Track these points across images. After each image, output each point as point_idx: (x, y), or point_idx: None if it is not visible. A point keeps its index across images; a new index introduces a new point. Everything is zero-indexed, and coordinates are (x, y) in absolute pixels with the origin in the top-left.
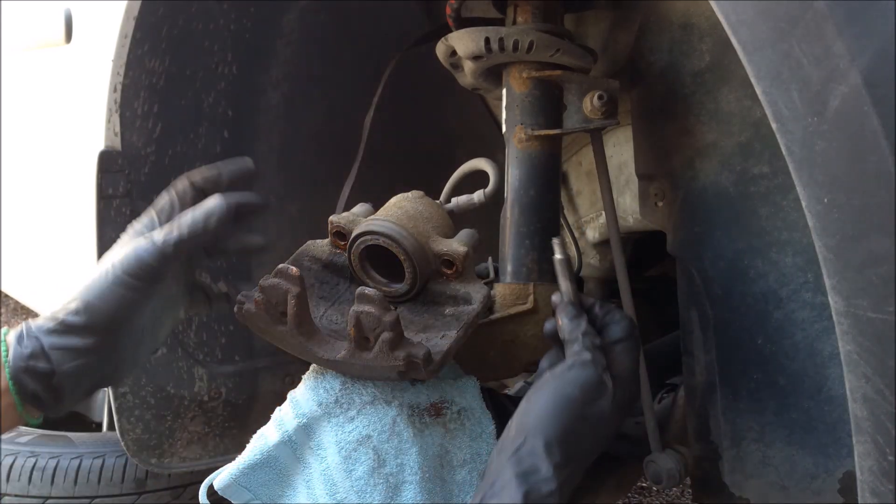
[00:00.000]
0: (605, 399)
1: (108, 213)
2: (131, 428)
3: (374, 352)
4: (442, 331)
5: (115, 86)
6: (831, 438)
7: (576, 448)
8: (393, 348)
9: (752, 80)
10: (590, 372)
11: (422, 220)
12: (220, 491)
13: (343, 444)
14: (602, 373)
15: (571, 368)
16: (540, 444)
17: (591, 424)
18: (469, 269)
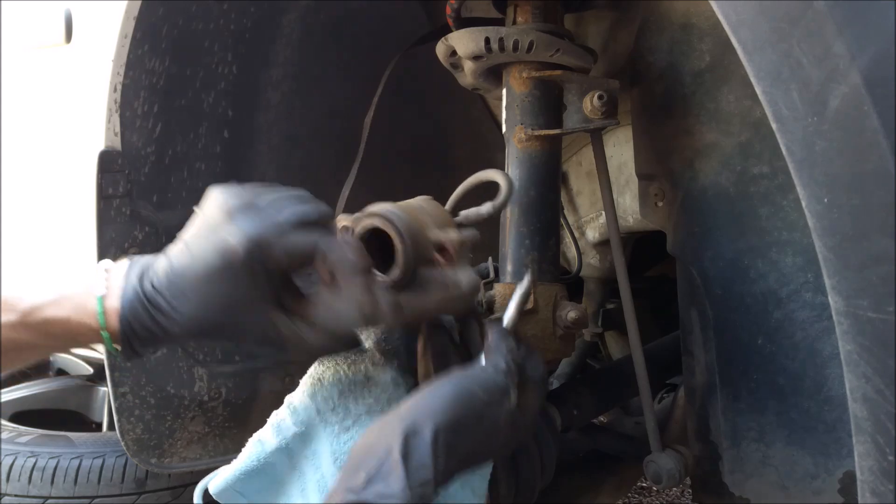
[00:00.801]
0: (505, 408)
1: (108, 213)
2: (131, 428)
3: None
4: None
5: (115, 86)
6: (831, 438)
7: (462, 445)
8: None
9: (752, 80)
10: (500, 378)
11: (422, 212)
12: (215, 495)
13: (338, 454)
14: (511, 385)
15: (484, 370)
16: (429, 431)
17: (485, 428)
18: (462, 258)
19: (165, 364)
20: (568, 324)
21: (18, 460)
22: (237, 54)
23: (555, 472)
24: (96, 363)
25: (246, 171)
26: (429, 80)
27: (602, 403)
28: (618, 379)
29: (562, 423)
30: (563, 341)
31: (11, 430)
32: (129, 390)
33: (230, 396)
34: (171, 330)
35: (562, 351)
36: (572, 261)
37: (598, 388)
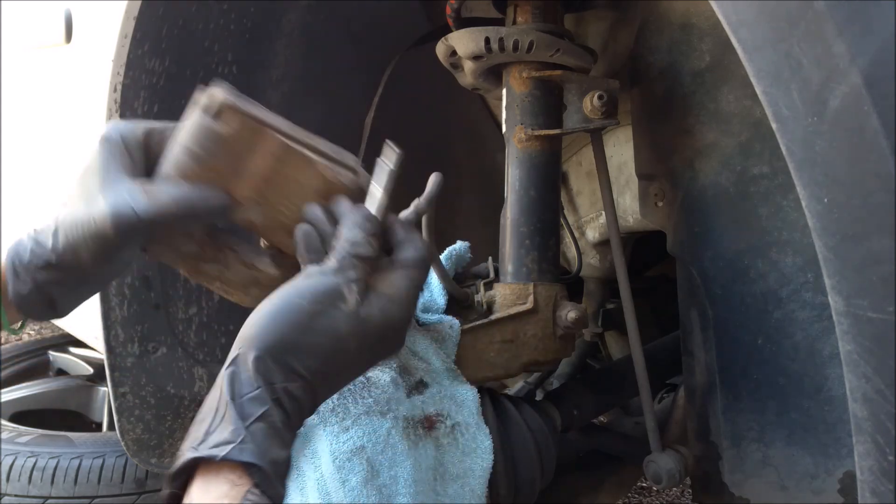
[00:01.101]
0: (339, 311)
1: None
2: (131, 428)
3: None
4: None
5: (115, 86)
6: (831, 438)
7: (301, 362)
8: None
9: (752, 80)
10: (325, 280)
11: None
12: None
13: (337, 454)
14: (345, 283)
15: (308, 277)
16: (250, 360)
17: (322, 339)
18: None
19: (165, 364)
20: (568, 324)
21: (18, 460)
22: (237, 54)
23: (555, 472)
24: (96, 363)
25: None
26: (429, 80)
27: (602, 403)
28: (618, 379)
29: (562, 423)
30: (563, 341)
31: (11, 430)
32: (129, 390)
33: None
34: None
35: (562, 351)
36: (572, 261)
37: (598, 388)
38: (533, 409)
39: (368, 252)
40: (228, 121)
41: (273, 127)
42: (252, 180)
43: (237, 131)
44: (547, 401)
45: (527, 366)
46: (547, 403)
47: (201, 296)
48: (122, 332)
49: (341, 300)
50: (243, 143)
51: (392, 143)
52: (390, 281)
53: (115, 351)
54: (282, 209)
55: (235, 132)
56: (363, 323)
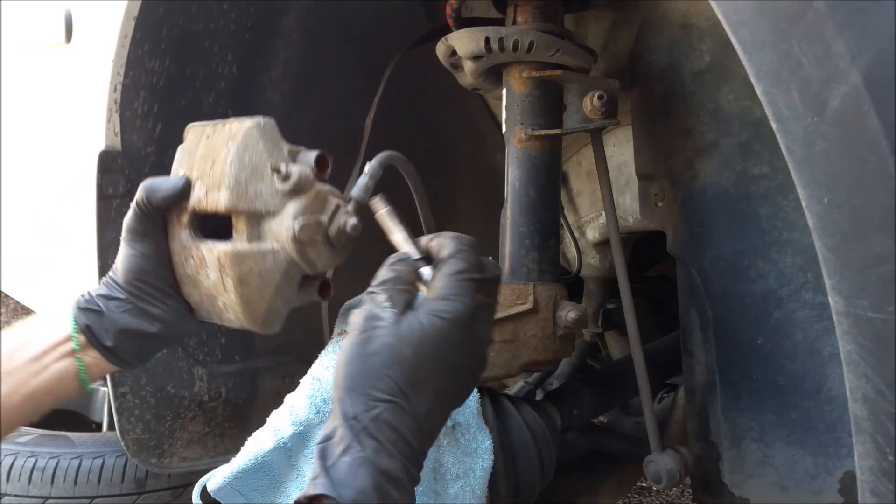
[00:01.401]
0: (380, 329)
1: (109, 213)
2: (131, 428)
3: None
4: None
5: (115, 86)
6: (831, 438)
7: (377, 388)
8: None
9: (752, 80)
10: (362, 311)
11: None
12: (213, 493)
13: None
14: (376, 306)
15: (353, 318)
16: (335, 406)
17: (379, 358)
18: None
19: (165, 364)
20: (568, 324)
21: (18, 460)
22: (237, 54)
23: (555, 472)
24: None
25: None
26: (429, 80)
27: (602, 403)
28: (618, 379)
29: (562, 423)
30: (563, 341)
31: None
32: (129, 390)
33: (230, 396)
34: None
35: (562, 351)
36: (572, 261)
37: (598, 388)
38: (533, 409)
39: (390, 274)
40: (187, 133)
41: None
42: (198, 164)
43: (190, 139)
44: (547, 401)
45: (527, 366)
46: (547, 403)
47: None
48: None
49: (378, 320)
50: (194, 143)
51: (380, 197)
52: (432, 285)
53: None
54: (212, 173)
55: (189, 140)
56: (410, 329)
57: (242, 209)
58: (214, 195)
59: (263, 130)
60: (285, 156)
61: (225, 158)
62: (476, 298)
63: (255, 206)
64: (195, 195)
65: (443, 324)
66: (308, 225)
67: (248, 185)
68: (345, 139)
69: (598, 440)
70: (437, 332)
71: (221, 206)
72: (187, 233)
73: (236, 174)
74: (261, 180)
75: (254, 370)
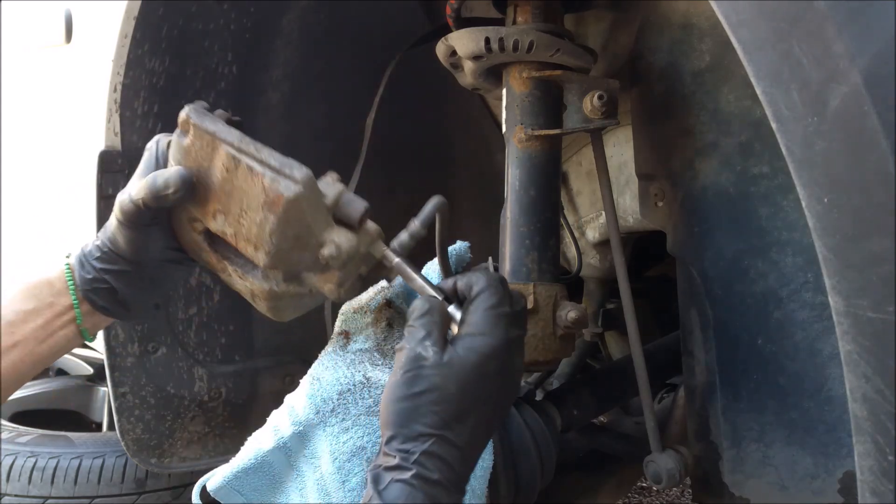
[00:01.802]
0: (425, 368)
1: (109, 213)
2: (131, 428)
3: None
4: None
5: (115, 86)
6: (831, 438)
7: (423, 424)
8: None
9: (752, 80)
10: (405, 352)
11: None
12: (212, 493)
13: (337, 455)
14: (417, 345)
15: (396, 360)
16: (384, 442)
17: (424, 396)
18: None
19: (165, 364)
20: (568, 324)
21: (18, 460)
22: (237, 54)
23: (555, 472)
24: (96, 363)
25: None
26: (429, 80)
27: (602, 403)
28: (618, 379)
29: (562, 423)
30: (563, 341)
31: (11, 430)
32: (129, 390)
33: (230, 396)
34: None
35: (562, 351)
36: (572, 261)
37: (598, 388)
38: (533, 409)
39: (428, 308)
40: (189, 134)
41: (224, 140)
42: (216, 192)
43: (194, 143)
44: (547, 401)
45: (527, 366)
46: (547, 403)
47: (201, 296)
48: (121, 331)
49: (422, 359)
50: (204, 155)
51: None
52: (466, 321)
53: (115, 351)
54: (242, 222)
55: (193, 144)
56: (450, 365)
57: (281, 269)
58: (249, 249)
59: (307, 199)
60: (328, 217)
61: (262, 224)
62: (510, 331)
63: (295, 269)
64: (217, 225)
65: (482, 359)
66: (351, 287)
67: (291, 253)
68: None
69: (598, 440)
70: (477, 368)
71: (258, 262)
72: (203, 243)
73: (278, 244)
74: (304, 248)
75: (254, 370)
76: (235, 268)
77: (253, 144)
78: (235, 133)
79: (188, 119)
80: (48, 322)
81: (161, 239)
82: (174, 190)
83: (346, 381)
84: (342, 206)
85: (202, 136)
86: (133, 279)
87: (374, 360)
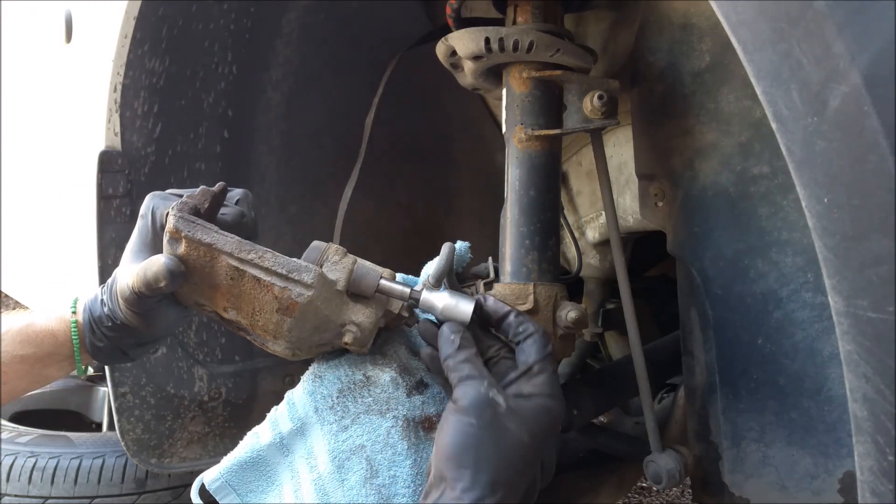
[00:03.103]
0: (500, 416)
1: (109, 213)
2: (131, 428)
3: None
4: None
5: (115, 86)
6: (831, 438)
7: (496, 476)
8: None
9: (752, 80)
10: (472, 389)
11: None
12: (208, 485)
13: (336, 453)
14: (487, 389)
15: (457, 402)
16: (458, 490)
17: (500, 446)
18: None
19: (165, 364)
20: (568, 324)
21: (18, 460)
22: (237, 54)
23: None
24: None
25: (246, 172)
26: (429, 80)
27: (602, 403)
28: (618, 379)
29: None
30: (563, 341)
31: (11, 430)
32: (129, 390)
33: (230, 396)
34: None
35: (562, 351)
36: (572, 261)
37: (598, 388)
38: None
39: (462, 356)
40: (182, 244)
41: (222, 250)
42: (222, 291)
43: (190, 252)
44: None
45: None
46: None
47: None
48: None
49: (496, 406)
50: (203, 262)
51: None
52: (532, 376)
53: None
54: (257, 319)
55: (189, 253)
56: (522, 416)
57: (304, 348)
58: (268, 337)
59: (321, 297)
60: (343, 299)
61: (279, 324)
62: (554, 366)
63: (317, 343)
64: (229, 315)
65: (554, 421)
66: (370, 342)
67: (311, 336)
68: (344, 139)
69: (598, 440)
70: (550, 428)
71: (278, 350)
72: (216, 318)
73: (297, 336)
74: (325, 330)
75: (254, 370)
76: (253, 338)
77: (254, 251)
78: (233, 241)
79: (179, 232)
80: (44, 366)
81: (171, 313)
82: (165, 283)
83: (346, 379)
84: (355, 283)
85: (198, 248)
86: (144, 343)
87: (374, 360)
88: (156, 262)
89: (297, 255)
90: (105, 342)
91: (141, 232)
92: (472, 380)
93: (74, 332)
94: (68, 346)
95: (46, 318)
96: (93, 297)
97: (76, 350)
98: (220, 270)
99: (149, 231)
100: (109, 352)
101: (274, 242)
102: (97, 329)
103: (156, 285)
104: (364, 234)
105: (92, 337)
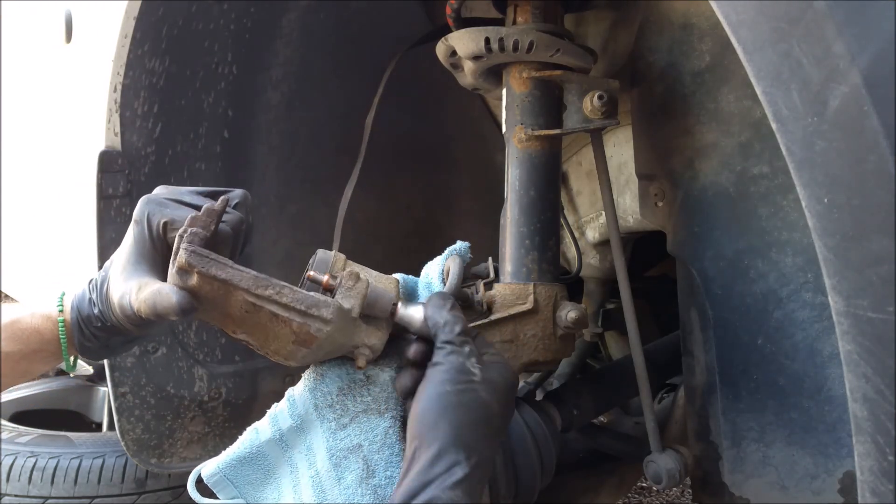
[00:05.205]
0: (474, 383)
1: (109, 213)
2: (131, 428)
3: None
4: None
5: (115, 86)
6: (831, 438)
7: (469, 440)
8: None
9: (752, 80)
10: (452, 360)
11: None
12: (206, 478)
13: (334, 451)
14: (466, 359)
15: (436, 366)
16: (432, 453)
17: (473, 412)
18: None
19: (165, 364)
20: (568, 324)
21: (18, 460)
22: (237, 54)
23: (555, 472)
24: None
25: (246, 172)
26: (429, 80)
27: (602, 403)
28: (618, 379)
29: (562, 423)
30: (563, 341)
31: (11, 430)
32: (129, 390)
33: (230, 396)
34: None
35: (562, 351)
36: (572, 261)
37: (598, 388)
38: (533, 409)
39: (463, 326)
40: (194, 278)
41: (236, 285)
42: (235, 321)
43: (202, 286)
44: (547, 401)
45: (527, 366)
46: (547, 403)
47: None
48: None
49: (471, 374)
50: (216, 296)
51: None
52: (490, 354)
53: None
54: (271, 346)
55: (201, 287)
56: (493, 385)
57: (315, 366)
58: (280, 359)
59: (338, 328)
60: (356, 324)
61: (294, 352)
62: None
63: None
64: (241, 337)
65: (508, 387)
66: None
67: (322, 357)
68: (345, 139)
69: (598, 440)
70: (511, 390)
71: (289, 367)
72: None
73: (311, 360)
74: (337, 352)
75: (254, 370)
76: (264, 354)
77: (271, 286)
78: (249, 276)
79: (192, 267)
80: (30, 363)
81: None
82: (176, 317)
83: (347, 378)
84: (369, 307)
85: (211, 283)
86: (133, 340)
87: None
88: (166, 297)
89: (298, 255)
90: (94, 342)
91: (137, 241)
92: (457, 354)
93: (62, 330)
94: (55, 344)
95: (32, 314)
96: (80, 295)
97: (64, 348)
98: (235, 304)
99: (146, 241)
100: (98, 349)
101: (274, 242)
102: (86, 329)
103: (165, 316)
104: (364, 233)
105: (80, 336)
